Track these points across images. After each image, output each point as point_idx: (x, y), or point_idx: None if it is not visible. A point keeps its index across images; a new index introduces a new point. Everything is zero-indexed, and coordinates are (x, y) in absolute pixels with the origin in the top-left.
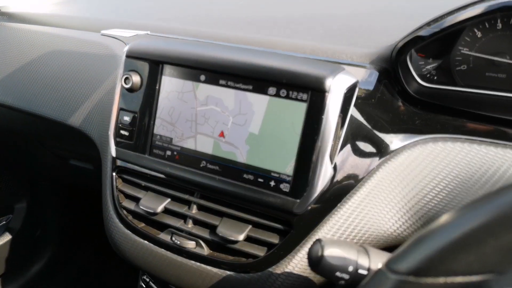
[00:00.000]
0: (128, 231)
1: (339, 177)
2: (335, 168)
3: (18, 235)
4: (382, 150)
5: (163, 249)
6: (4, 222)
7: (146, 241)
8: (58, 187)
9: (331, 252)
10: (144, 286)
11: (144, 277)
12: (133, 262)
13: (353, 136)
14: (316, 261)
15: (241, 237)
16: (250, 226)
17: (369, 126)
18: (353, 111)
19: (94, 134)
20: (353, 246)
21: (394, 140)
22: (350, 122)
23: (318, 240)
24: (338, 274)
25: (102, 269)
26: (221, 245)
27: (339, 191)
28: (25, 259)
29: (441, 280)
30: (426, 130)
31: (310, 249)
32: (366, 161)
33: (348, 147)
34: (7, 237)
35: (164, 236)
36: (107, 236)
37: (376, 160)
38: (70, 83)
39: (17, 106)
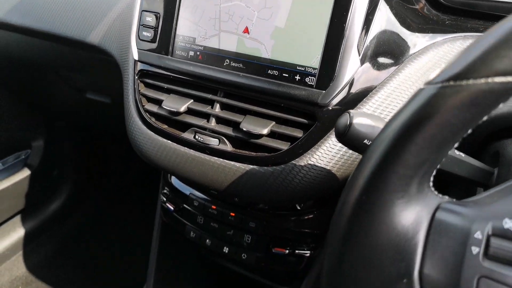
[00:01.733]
0: (152, 133)
1: (365, 69)
2: (362, 60)
3: (36, 172)
4: (410, 47)
5: (186, 148)
6: (23, 157)
7: (169, 141)
8: (74, 127)
9: (360, 121)
10: (164, 199)
11: (165, 191)
12: (158, 163)
13: (382, 29)
14: (343, 130)
15: (265, 131)
16: (273, 122)
17: (398, 23)
18: (382, 5)
19: (113, 50)
20: (382, 118)
21: (423, 38)
22: (379, 15)
23: (347, 111)
24: (366, 141)
25: (117, 208)
26: (244, 141)
27: (365, 85)
28: (43, 196)
29: (482, 81)
30: (455, 30)
31: (338, 120)
32: (394, 56)
33: (376, 40)
34: (26, 172)
35: (187, 135)
36: (131, 143)
37: (404, 56)
38: (89, 1)
39: (37, 28)
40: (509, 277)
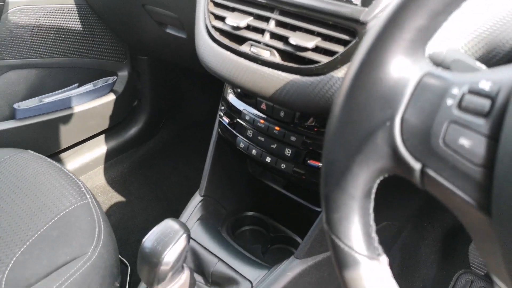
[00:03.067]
0: (216, 45)
1: None
2: None
3: (119, 98)
4: None
5: (242, 58)
6: (110, 82)
7: (229, 52)
8: (154, 61)
9: None
10: (221, 114)
11: (222, 107)
12: (218, 72)
13: None
14: None
15: (311, 45)
16: (319, 38)
17: None
18: None
19: None
20: None
21: None
22: None
23: None
24: None
25: (186, 138)
26: (291, 53)
27: None
28: (124, 121)
29: None
30: None
31: None
32: None
33: None
34: (112, 97)
35: (244, 48)
36: (198, 56)
37: None
38: None
39: None
40: (473, 123)
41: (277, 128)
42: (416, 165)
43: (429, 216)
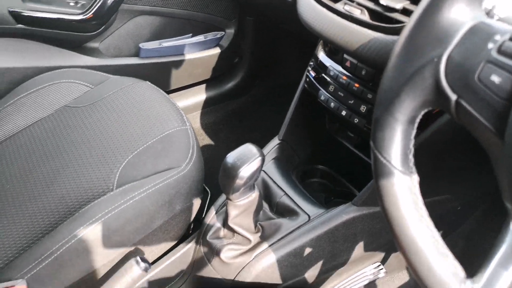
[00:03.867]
0: (315, 3)
1: None
2: None
3: (224, 52)
4: None
5: (335, 15)
6: (218, 36)
7: (325, 9)
8: (259, 23)
9: None
10: (309, 68)
11: (311, 62)
12: (313, 27)
13: None
14: None
15: (399, 6)
16: (408, 2)
17: None
18: None
19: None
20: None
21: None
22: None
23: None
24: None
25: (280, 94)
26: (380, 14)
27: None
28: (226, 74)
29: None
30: None
31: None
32: None
33: None
34: (217, 50)
35: (339, 6)
36: (298, 13)
37: None
38: None
39: None
40: (506, 64)
41: (356, 85)
42: (453, 96)
43: (502, 207)
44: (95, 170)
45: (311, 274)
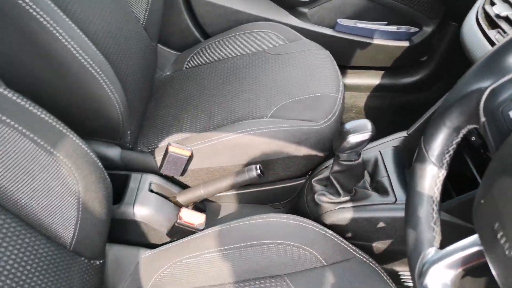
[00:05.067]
0: (475, 24)
1: None
2: None
3: (411, 48)
4: None
5: (485, 40)
6: (412, 31)
7: (480, 32)
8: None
9: None
10: None
11: None
12: (467, 47)
13: None
14: None
15: None
16: None
17: None
18: None
19: None
20: None
21: None
22: None
23: None
24: None
25: None
26: None
27: None
28: (404, 69)
29: None
30: None
31: None
32: None
33: None
34: (405, 44)
35: (491, 32)
36: None
37: None
38: None
39: None
40: None
41: None
42: (482, 118)
43: None
44: (261, 101)
45: (379, 247)
